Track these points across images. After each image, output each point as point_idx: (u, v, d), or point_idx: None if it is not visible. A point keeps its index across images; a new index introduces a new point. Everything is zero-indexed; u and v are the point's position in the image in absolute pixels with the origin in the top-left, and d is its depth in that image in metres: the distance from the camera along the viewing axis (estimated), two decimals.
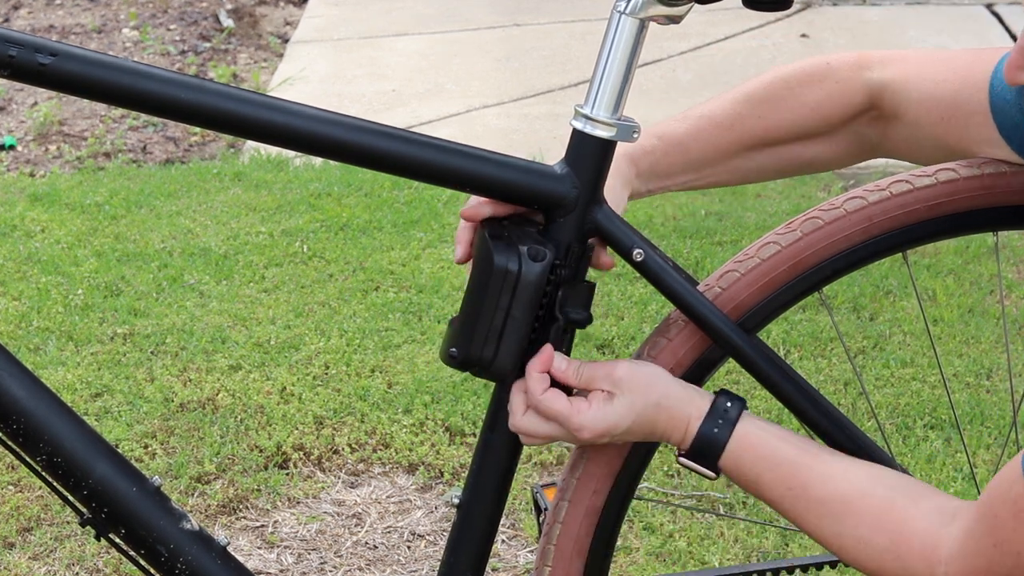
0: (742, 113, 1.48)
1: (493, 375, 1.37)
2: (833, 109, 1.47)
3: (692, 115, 1.50)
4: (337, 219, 3.66)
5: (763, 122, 1.48)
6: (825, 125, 1.48)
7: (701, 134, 1.48)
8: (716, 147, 1.49)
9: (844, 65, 1.47)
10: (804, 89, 1.47)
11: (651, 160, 1.47)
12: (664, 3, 1.33)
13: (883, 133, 1.48)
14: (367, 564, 2.44)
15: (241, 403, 2.81)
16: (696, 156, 1.49)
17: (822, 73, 1.47)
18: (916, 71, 1.44)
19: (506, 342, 1.35)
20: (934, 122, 1.42)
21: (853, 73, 1.46)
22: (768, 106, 1.48)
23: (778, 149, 1.50)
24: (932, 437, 2.68)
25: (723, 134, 1.48)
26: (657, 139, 1.48)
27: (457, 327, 1.37)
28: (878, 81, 1.45)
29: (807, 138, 1.49)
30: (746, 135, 1.48)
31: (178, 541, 1.41)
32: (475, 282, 1.35)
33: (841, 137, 1.49)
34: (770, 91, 1.48)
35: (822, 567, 1.72)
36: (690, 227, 3.59)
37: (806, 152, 1.50)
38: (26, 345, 3.05)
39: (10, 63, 1.25)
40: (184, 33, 5.51)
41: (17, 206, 3.78)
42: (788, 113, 1.48)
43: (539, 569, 1.46)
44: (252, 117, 1.30)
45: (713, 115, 1.49)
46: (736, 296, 1.39)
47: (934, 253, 3.42)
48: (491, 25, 5.54)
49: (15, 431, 1.37)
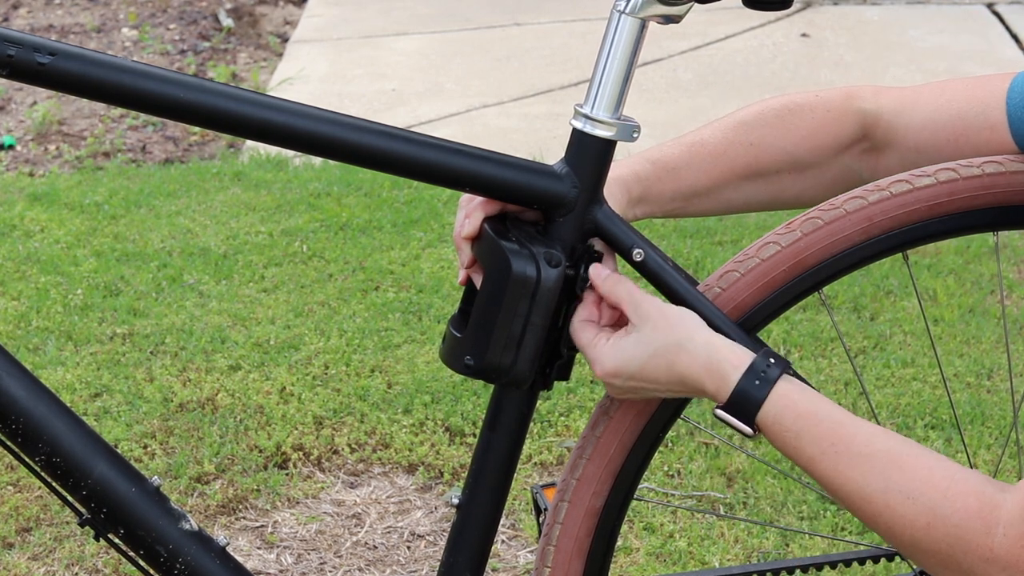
0: (733, 140, 1.48)
1: (512, 382, 1.37)
2: (824, 139, 1.47)
3: (685, 141, 1.50)
4: (337, 219, 3.66)
5: (754, 150, 1.48)
6: (815, 155, 1.48)
7: (693, 161, 1.48)
8: (708, 175, 1.49)
9: (835, 96, 1.48)
10: (795, 118, 1.48)
11: (643, 187, 1.47)
12: (664, 3, 1.33)
13: (874, 165, 1.49)
14: (367, 564, 2.43)
15: (240, 403, 2.81)
16: (687, 184, 1.49)
17: (813, 102, 1.48)
18: (912, 100, 1.45)
19: (525, 349, 1.34)
20: (942, 145, 1.43)
21: (845, 103, 1.48)
22: (759, 134, 1.48)
23: (767, 180, 1.50)
24: (933, 437, 2.68)
25: (715, 161, 1.48)
26: (651, 164, 1.48)
27: (471, 335, 1.36)
28: (871, 111, 1.46)
29: (797, 170, 1.50)
30: (738, 163, 1.49)
31: (177, 541, 1.41)
32: (490, 289, 1.34)
33: (830, 170, 1.50)
34: (761, 119, 1.49)
35: (822, 567, 1.72)
36: (690, 227, 3.58)
37: (794, 185, 1.51)
38: (25, 345, 3.05)
39: (9, 62, 1.24)
40: (183, 32, 5.51)
41: (16, 206, 3.77)
42: (779, 141, 1.48)
43: (539, 570, 1.45)
44: (251, 116, 1.30)
45: (705, 142, 1.49)
46: (736, 296, 1.39)
47: (935, 253, 3.42)
48: (491, 25, 5.54)
49: (14, 431, 1.37)
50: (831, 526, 2.44)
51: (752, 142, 1.48)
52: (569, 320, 1.37)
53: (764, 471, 2.57)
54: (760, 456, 2.61)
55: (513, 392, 1.40)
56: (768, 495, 2.52)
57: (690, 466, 2.60)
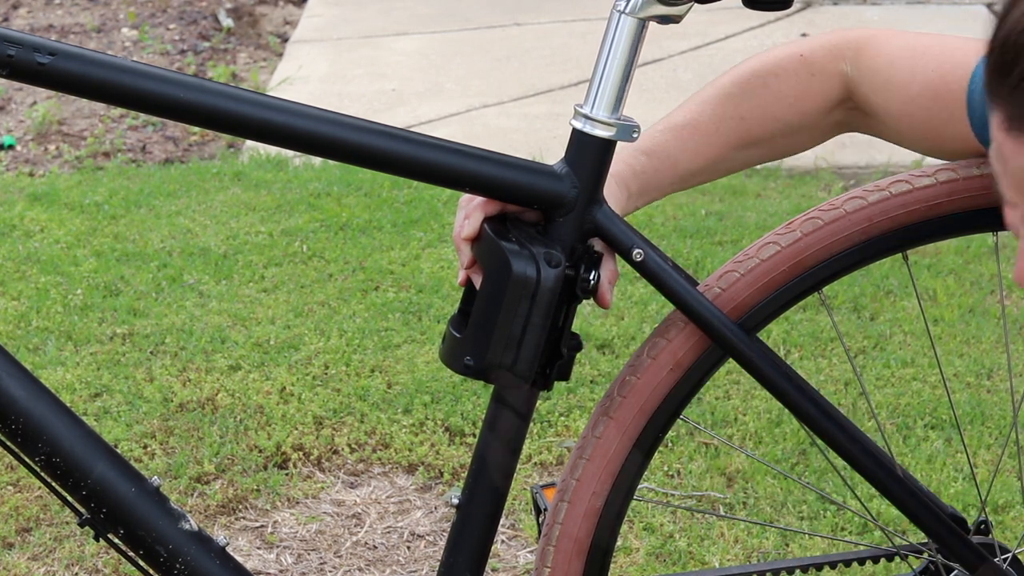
0: (723, 116, 1.47)
1: (512, 382, 1.37)
2: (811, 102, 1.46)
3: (675, 124, 1.49)
4: (337, 219, 3.66)
5: (745, 123, 1.47)
6: (806, 118, 1.47)
7: (687, 144, 1.48)
8: (703, 155, 1.48)
9: (819, 56, 1.46)
10: (780, 84, 1.46)
11: (642, 180, 1.47)
12: (664, 3, 1.33)
13: (862, 120, 1.48)
14: (367, 564, 2.43)
15: (240, 403, 2.81)
16: (684, 167, 1.48)
17: (796, 65, 1.46)
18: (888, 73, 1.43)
19: (525, 349, 1.34)
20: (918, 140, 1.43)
21: (828, 64, 1.45)
22: (747, 105, 1.47)
23: (761, 145, 1.50)
24: (932, 437, 2.67)
25: (708, 140, 1.48)
26: (646, 157, 1.47)
27: (471, 336, 1.36)
28: (852, 76, 1.45)
29: (789, 133, 1.49)
30: (732, 137, 1.48)
31: (177, 541, 1.41)
32: (490, 290, 1.34)
33: (822, 125, 1.49)
34: (748, 88, 1.47)
35: (822, 567, 1.72)
36: (690, 227, 3.58)
37: (789, 143, 1.51)
38: (25, 345, 3.04)
39: (9, 62, 1.24)
40: (183, 32, 5.51)
41: (16, 206, 3.77)
42: (768, 110, 1.47)
43: (539, 570, 1.45)
44: (251, 116, 1.30)
45: (696, 123, 1.48)
46: (736, 296, 1.39)
47: (934, 253, 3.42)
48: (491, 25, 5.54)
49: (14, 431, 1.37)
50: (831, 526, 2.44)
51: (743, 115, 1.47)
52: (569, 320, 1.37)
53: (764, 471, 2.57)
54: (760, 456, 2.61)
55: (513, 392, 1.40)
56: (768, 495, 2.52)
57: (690, 466, 2.60)
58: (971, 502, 2.45)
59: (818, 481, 2.55)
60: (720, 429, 2.71)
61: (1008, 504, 2.47)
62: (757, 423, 2.71)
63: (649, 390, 1.40)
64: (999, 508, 2.47)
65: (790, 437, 2.66)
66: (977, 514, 1.57)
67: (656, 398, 1.41)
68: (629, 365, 1.42)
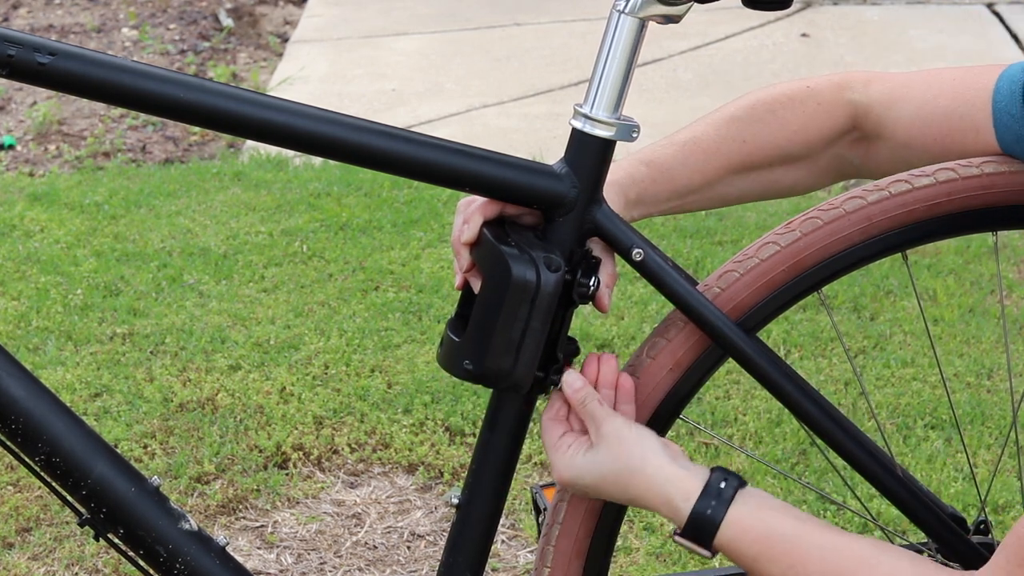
0: (726, 137, 1.48)
1: (511, 386, 1.37)
2: (815, 131, 1.47)
3: (678, 140, 1.50)
4: (337, 219, 3.66)
5: (747, 146, 1.48)
6: (807, 148, 1.49)
7: (688, 160, 1.48)
8: (702, 173, 1.49)
9: (825, 87, 1.48)
10: (786, 112, 1.48)
11: (639, 189, 1.47)
12: (663, 2, 1.33)
13: (865, 154, 1.49)
14: (367, 564, 2.43)
15: (240, 403, 2.81)
16: (682, 183, 1.49)
17: (803, 95, 1.48)
18: (902, 92, 1.44)
19: (524, 353, 1.34)
20: (930, 143, 1.43)
21: (835, 95, 1.47)
22: (751, 130, 1.48)
23: (760, 173, 1.51)
24: (932, 437, 2.68)
25: (708, 159, 1.48)
26: (645, 167, 1.48)
27: (470, 340, 1.36)
28: (861, 102, 1.46)
29: (789, 162, 1.50)
30: (732, 159, 1.49)
31: (177, 541, 1.41)
32: (490, 294, 1.34)
33: (822, 160, 1.50)
34: (753, 114, 1.49)
35: None
36: (690, 227, 3.58)
37: (787, 177, 1.52)
38: (25, 345, 3.05)
39: (9, 62, 1.24)
40: (183, 32, 5.51)
41: (16, 206, 3.77)
42: (771, 136, 1.48)
43: (538, 570, 1.45)
44: (251, 116, 1.30)
45: (698, 140, 1.49)
46: (736, 296, 1.39)
47: (934, 253, 3.42)
48: (491, 25, 5.54)
49: (14, 431, 1.37)
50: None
51: (745, 139, 1.48)
52: (566, 325, 1.37)
53: (764, 471, 2.57)
54: (760, 456, 2.61)
55: (512, 395, 1.40)
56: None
57: None
58: (971, 502, 2.45)
59: (818, 481, 2.55)
60: (720, 429, 2.71)
61: (1008, 504, 2.47)
62: (757, 423, 2.71)
63: (649, 390, 1.40)
64: (999, 508, 2.47)
65: (790, 437, 2.66)
66: (977, 514, 1.57)
67: (656, 398, 1.41)
68: (629, 365, 1.42)
